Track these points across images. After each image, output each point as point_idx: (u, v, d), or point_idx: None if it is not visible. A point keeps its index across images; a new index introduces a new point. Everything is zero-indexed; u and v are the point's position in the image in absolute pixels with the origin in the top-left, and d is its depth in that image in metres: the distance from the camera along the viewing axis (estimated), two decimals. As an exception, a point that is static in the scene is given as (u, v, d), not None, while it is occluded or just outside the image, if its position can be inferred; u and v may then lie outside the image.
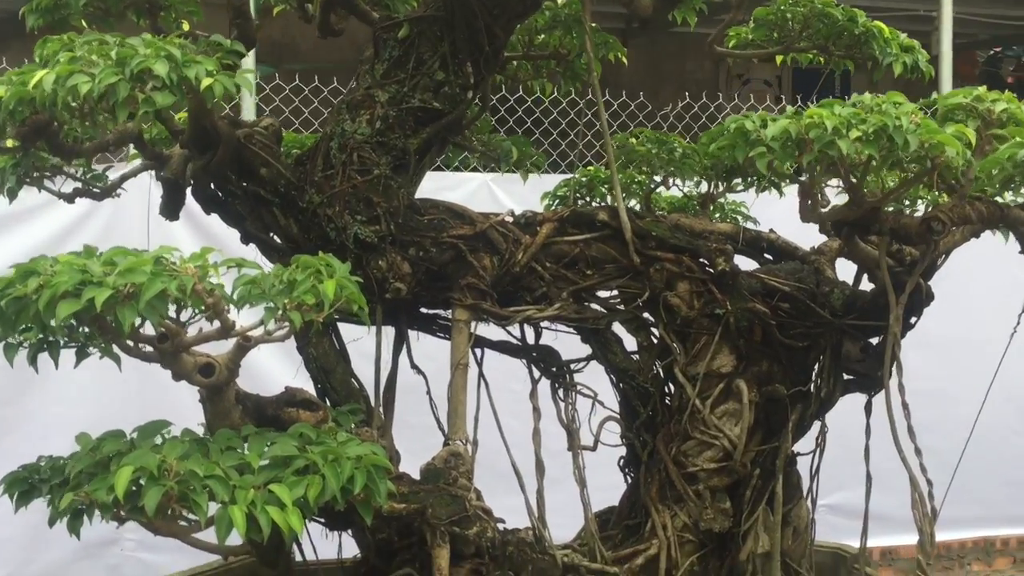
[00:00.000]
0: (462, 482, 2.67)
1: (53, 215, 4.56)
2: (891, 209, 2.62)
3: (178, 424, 2.25)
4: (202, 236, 4.36)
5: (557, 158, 5.91)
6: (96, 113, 2.27)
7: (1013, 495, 5.91)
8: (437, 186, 4.73)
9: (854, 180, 2.50)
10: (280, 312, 1.97)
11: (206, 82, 2.22)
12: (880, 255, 2.69)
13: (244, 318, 2.12)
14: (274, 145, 2.92)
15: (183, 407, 2.96)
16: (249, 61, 5.30)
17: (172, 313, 1.96)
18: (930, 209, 2.63)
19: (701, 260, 3.01)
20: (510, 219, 3.00)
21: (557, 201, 3.61)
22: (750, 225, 3.49)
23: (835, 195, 3.43)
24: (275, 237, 2.94)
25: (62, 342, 2.07)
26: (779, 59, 3.58)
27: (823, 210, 2.60)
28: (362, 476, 2.15)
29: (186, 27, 3.04)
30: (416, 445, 2.94)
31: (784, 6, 3.30)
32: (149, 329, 2.03)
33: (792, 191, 4.00)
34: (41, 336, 2.02)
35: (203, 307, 1.93)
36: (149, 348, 2.05)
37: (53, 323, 1.85)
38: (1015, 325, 3.26)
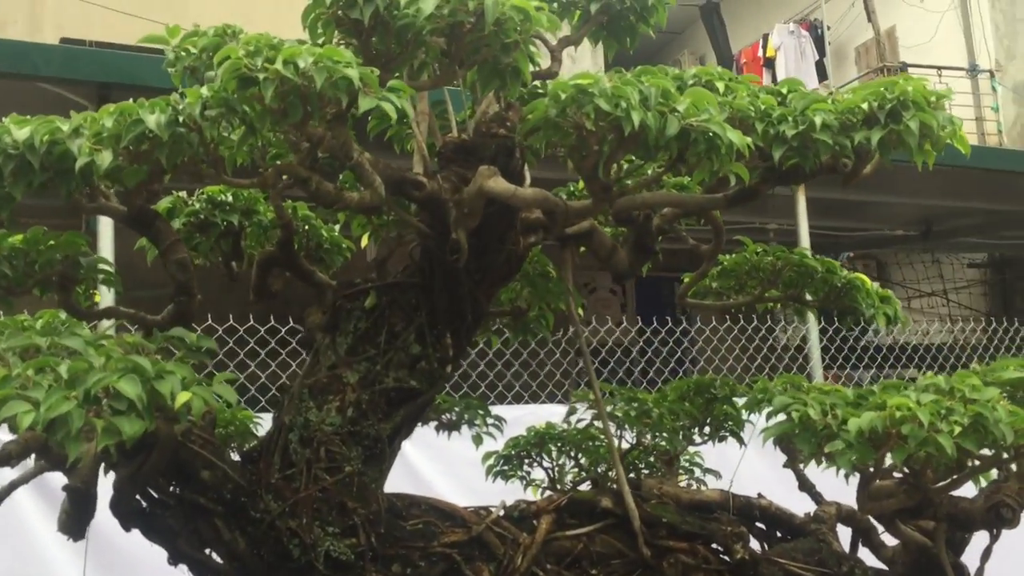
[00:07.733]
0: None
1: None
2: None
3: None
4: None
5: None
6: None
7: None
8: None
9: (916, 466, 2.22)
10: None
11: (183, 398, 1.72)
12: (938, 543, 2.39)
13: None
14: (215, 440, 2.39)
15: None
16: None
17: None
18: (992, 490, 2.37)
19: (714, 546, 2.65)
20: (502, 513, 2.55)
21: (501, 461, 3.23)
22: (711, 479, 3.24)
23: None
24: (214, 555, 2.37)
25: None
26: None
27: (881, 500, 2.30)
28: None
29: (97, 299, 2.53)
30: None
31: (752, 256, 3.12)
32: None
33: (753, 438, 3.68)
34: None
35: None
36: None
37: None
38: None
